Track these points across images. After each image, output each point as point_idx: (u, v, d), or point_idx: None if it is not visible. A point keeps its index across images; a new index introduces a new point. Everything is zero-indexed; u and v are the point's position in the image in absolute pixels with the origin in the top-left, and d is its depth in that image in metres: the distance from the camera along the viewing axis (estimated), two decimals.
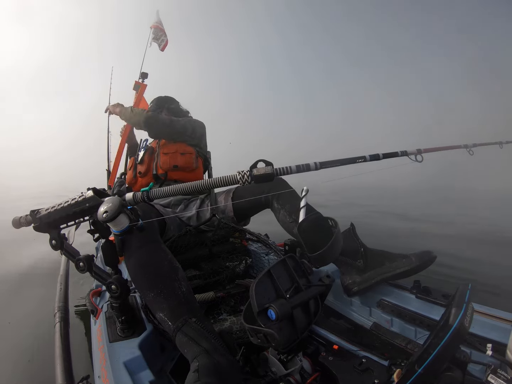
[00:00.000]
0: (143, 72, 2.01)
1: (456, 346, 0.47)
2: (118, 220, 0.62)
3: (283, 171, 0.65)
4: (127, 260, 0.78)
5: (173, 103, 1.63)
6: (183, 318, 0.65)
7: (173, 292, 0.70)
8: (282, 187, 1.06)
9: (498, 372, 0.50)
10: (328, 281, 0.83)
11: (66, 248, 0.75)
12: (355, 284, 0.89)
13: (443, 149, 1.11)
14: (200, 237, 1.16)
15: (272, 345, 0.60)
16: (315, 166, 0.69)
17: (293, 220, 0.99)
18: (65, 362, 0.83)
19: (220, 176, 0.63)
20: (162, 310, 0.68)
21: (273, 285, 0.66)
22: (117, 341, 0.72)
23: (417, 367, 0.46)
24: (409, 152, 0.94)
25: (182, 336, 0.63)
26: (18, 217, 0.79)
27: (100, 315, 0.85)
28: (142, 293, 0.75)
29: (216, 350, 0.59)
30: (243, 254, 1.20)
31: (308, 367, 0.71)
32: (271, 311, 0.61)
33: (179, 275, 0.75)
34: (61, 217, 0.70)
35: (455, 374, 0.47)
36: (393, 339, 0.80)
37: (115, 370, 0.62)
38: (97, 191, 0.68)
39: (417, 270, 0.84)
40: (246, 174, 0.62)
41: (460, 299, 0.49)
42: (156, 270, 0.74)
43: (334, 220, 0.84)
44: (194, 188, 0.63)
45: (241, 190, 1.19)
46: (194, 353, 0.59)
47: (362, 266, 0.89)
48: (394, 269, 0.85)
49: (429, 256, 0.84)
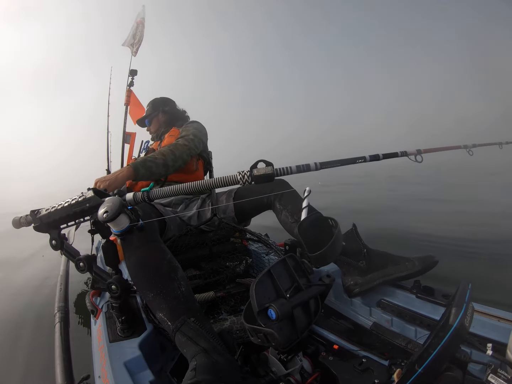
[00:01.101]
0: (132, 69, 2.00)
1: (456, 346, 0.47)
2: (118, 220, 0.62)
3: (283, 171, 0.65)
4: (127, 260, 0.78)
5: (168, 105, 1.61)
6: (182, 318, 0.65)
7: (172, 292, 0.70)
8: (284, 188, 1.06)
9: (498, 372, 0.50)
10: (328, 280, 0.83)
11: (66, 248, 0.75)
12: (357, 285, 0.89)
13: (443, 149, 1.11)
14: (201, 237, 1.16)
15: (272, 344, 0.60)
16: (315, 167, 0.69)
17: (295, 221, 0.99)
18: (65, 362, 0.83)
19: (220, 176, 0.64)
20: (162, 310, 0.68)
21: (273, 284, 0.66)
22: (117, 341, 0.72)
23: (417, 367, 0.46)
24: (409, 152, 0.94)
25: (181, 336, 0.63)
26: (18, 217, 0.79)
27: (100, 315, 0.85)
28: (142, 293, 0.75)
29: (215, 350, 0.59)
30: (244, 254, 1.20)
31: (308, 367, 0.71)
32: (271, 311, 0.61)
33: (178, 274, 0.75)
34: (61, 217, 0.70)
35: (455, 373, 0.47)
36: (393, 339, 0.80)
37: (115, 370, 0.62)
38: (97, 191, 0.68)
39: (420, 273, 0.85)
40: (247, 174, 0.62)
41: (460, 299, 0.49)
42: (155, 270, 0.74)
43: (335, 220, 0.84)
44: (194, 188, 0.63)
45: (242, 190, 1.19)
46: (193, 352, 0.59)
47: (364, 267, 0.89)
48: (397, 272, 0.85)
49: (432, 261, 0.84)
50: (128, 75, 1.99)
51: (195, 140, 1.30)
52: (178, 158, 1.17)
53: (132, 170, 1.03)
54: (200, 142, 1.34)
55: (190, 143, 1.25)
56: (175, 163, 1.16)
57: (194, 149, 1.28)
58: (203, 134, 1.42)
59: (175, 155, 1.16)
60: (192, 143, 1.26)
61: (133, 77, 2.00)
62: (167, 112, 1.58)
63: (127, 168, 1.03)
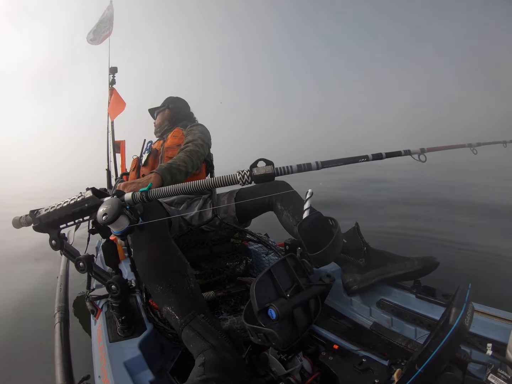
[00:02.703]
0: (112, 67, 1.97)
1: (456, 346, 0.47)
2: (118, 222, 0.62)
3: (284, 170, 0.65)
4: (136, 254, 0.79)
5: (176, 103, 1.64)
6: (192, 313, 0.66)
7: (182, 287, 0.72)
8: (285, 189, 1.07)
9: (498, 372, 0.50)
10: (328, 280, 0.83)
11: (66, 248, 0.75)
12: (356, 282, 0.90)
13: (447, 148, 1.10)
14: (201, 237, 1.16)
15: (273, 344, 0.60)
16: (316, 166, 0.68)
17: (296, 222, 0.99)
18: (65, 362, 0.83)
19: (220, 176, 0.63)
20: (170, 304, 0.69)
21: (273, 284, 0.66)
22: (117, 341, 0.72)
23: (417, 366, 0.46)
24: (413, 151, 0.92)
25: (189, 331, 0.63)
26: (18, 217, 0.79)
27: (100, 315, 0.85)
28: (150, 286, 0.75)
29: (223, 347, 0.59)
30: (244, 254, 1.21)
31: (308, 366, 0.71)
32: (272, 311, 0.61)
33: (187, 271, 0.77)
34: (61, 217, 0.70)
35: (455, 373, 0.47)
36: (393, 338, 0.80)
37: (115, 370, 0.62)
38: (96, 191, 0.68)
39: (419, 274, 0.84)
40: (246, 174, 0.61)
41: (460, 299, 0.49)
42: (166, 264, 0.75)
43: (335, 219, 0.84)
44: (194, 188, 0.63)
45: (244, 191, 1.20)
46: (201, 348, 0.59)
47: (364, 265, 0.89)
48: (395, 270, 0.85)
49: (432, 262, 0.84)
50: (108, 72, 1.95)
51: (204, 145, 1.32)
52: (194, 165, 1.20)
53: (160, 178, 1.01)
54: (207, 147, 1.37)
55: (200, 148, 1.28)
56: (192, 169, 1.19)
57: (204, 155, 1.31)
58: (208, 138, 1.44)
59: (193, 162, 1.19)
60: (202, 149, 1.29)
61: (113, 75, 1.96)
62: (172, 109, 1.61)
63: (155, 176, 1.01)
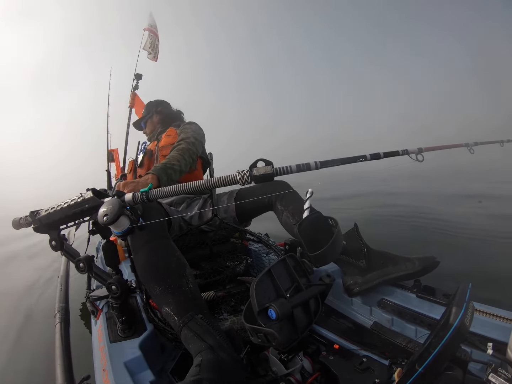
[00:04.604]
0: (137, 73, 2.10)
1: (456, 345, 0.47)
2: (118, 223, 0.62)
3: (283, 170, 0.65)
4: (135, 254, 0.79)
5: (161, 105, 1.63)
6: (190, 314, 0.66)
7: (180, 287, 0.72)
8: (285, 189, 1.06)
9: (499, 371, 0.50)
10: (328, 280, 0.83)
11: (66, 249, 0.75)
12: (357, 284, 0.89)
13: (444, 148, 1.10)
14: (201, 237, 1.16)
15: (273, 344, 0.60)
16: (315, 166, 0.68)
17: (296, 222, 0.99)
18: (66, 362, 0.83)
19: (219, 176, 0.63)
20: (169, 305, 0.69)
21: (273, 284, 0.66)
22: (118, 341, 0.72)
23: (417, 366, 0.46)
24: (410, 151, 0.93)
25: (188, 331, 0.63)
26: (18, 218, 0.79)
27: (101, 315, 0.85)
28: (149, 287, 0.75)
29: (221, 347, 0.59)
30: (244, 253, 1.20)
31: (308, 366, 0.71)
32: (272, 311, 0.61)
33: (186, 271, 0.77)
34: (61, 218, 0.70)
35: (456, 373, 0.47)
36: (393, 338, 0.80)
37: (115, 370, 0.62)
38: (96, 191, 0.68)
39: (419, 274, 0.84)
40: (246, 174, 0.61)
41: (460, 298, 0.49)
42: (165, 265, 0.75)
43: (335, 219, 0.84)
44: (194, 188, 0.63)
45: (244, 191, 1.20)
46: (198, 348, 0.59)
47: (364, 266, 0.89)
48: (396, 271, 0.85)
49: (432, 262, 0.83)
50: (133, 78, 2.10)
51: (196, 143, 1.31)
52: (187, 163, 1.19)
53: (157, 178, 1.01)
54: (200, 144, 1.36)
55: (192, 146, 1.27)
56: (186, 167, 1.18)
57: (196, 153, 1.30)
58: (202, 136, 1.43)
59: (186, 160, 1.18)
60: (194, 147, 1.28)
61: (138, 81, 2.11)
62: (160, 112, 1.60)
63: (152, 176, 1.00)
